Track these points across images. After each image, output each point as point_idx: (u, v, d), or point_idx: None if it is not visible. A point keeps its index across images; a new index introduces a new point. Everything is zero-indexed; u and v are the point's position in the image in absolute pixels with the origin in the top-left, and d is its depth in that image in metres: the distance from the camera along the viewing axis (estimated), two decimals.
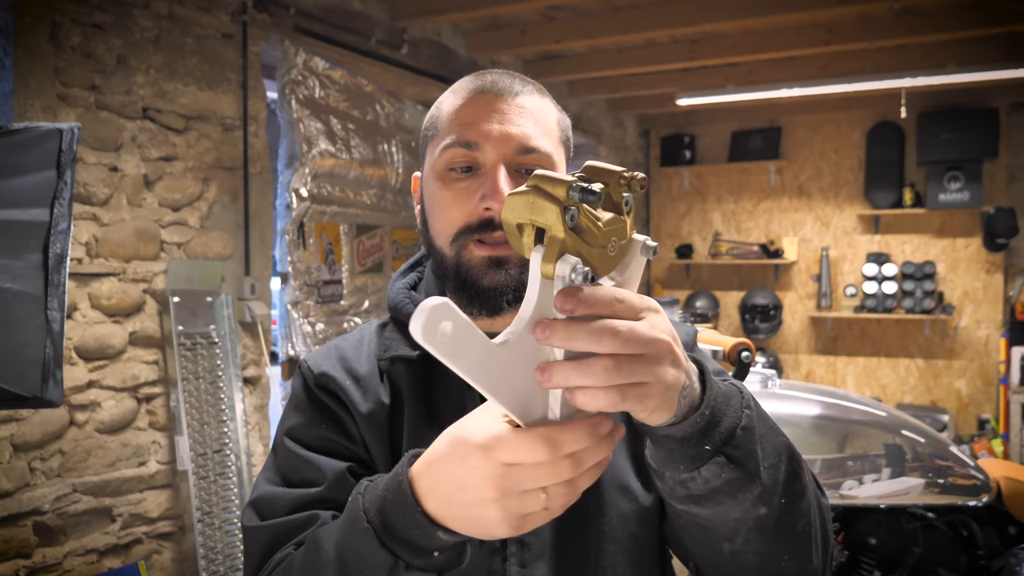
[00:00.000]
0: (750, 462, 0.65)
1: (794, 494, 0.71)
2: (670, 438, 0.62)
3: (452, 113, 0.85)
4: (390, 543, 0.64)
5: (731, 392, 0.66)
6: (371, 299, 3.83)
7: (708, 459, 0.63)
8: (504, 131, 0.82)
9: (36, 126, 1.44)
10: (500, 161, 0.81)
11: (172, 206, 2.80)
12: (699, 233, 6.76)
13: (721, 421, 0.63)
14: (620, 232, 0.54)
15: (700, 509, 0.67)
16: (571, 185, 0.51)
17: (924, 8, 3.93)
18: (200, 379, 2.81)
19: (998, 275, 5.80)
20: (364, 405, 0.87)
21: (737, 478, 0.64)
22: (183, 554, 2.80)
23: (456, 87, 0.89)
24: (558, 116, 0.89)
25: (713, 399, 0.63)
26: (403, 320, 0.92)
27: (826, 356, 6.36)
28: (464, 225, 0.82)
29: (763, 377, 2.43)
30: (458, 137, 0.83)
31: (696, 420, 0.61)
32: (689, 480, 0.64)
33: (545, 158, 0.83)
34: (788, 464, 0.70)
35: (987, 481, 2.24)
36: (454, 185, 0.83)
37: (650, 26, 4.03)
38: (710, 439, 0.63)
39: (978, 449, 4.97)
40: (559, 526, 0.84)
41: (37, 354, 1.35)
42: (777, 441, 0.70)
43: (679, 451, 0.63)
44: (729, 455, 0.64)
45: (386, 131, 3.89)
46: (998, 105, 5.64)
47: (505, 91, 0.85)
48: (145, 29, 2.69)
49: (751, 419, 0.66)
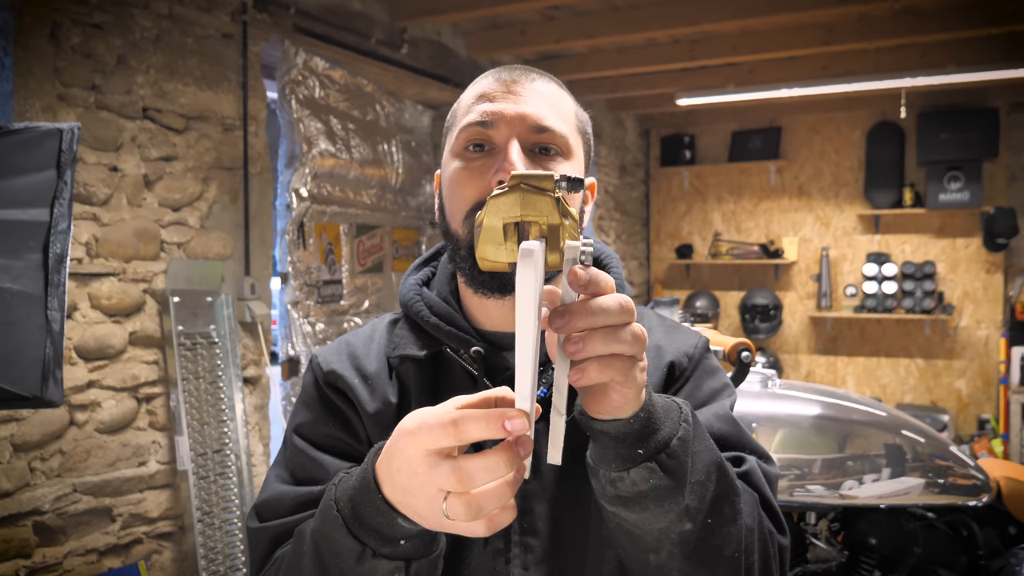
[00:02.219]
0: (679, 472, 0.66)
1: (722, 517, 0.71)
2: (607, 435, 0.65)
3: (471, 98, 0.87)
4: (357, 531, 0.66)
5: (670, 405, 0.69)
6: (371, 299, 3.83)
7: (639, 462, 0.65)
8: (518, 110, 0.83)
9: (36, 126, 1.44)
10: (513, 137, 0.82)
11: (172, 206, 2.80)
12: (699, 233, 6.76)
13: (659, 429, 0.66)
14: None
15: (627, 513, 0.68)
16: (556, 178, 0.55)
17: (924, 8, 3.93)
18: (200, 379, 2.81)
19: (998, 275, 5.80)
20: (371, 404, 0.88)
21: (664, 486, 0.66)
22: (183, 554, 2.80)
23: (477, 79, 0.90)
24: (576, 108, 0.90)
25: (652, 405, 0.66)
26: (413, 317, 0.92)
27: (826, 356, 6.36)
28: (477, 201, 0.83)
29: (763, 377, 2.43)
30: (474, 117, 0.84)
31: (631, 421, 0.64)
32: (618, 479, 0.66)
33: (559, 138, 0.84)
34: (718, 485, 0.70)
35: (987, 481, 2.24)
36: (469, 164, 0.84)
37: (650, 26, 4.03)
38: (644, 444, 0.65)
39: (978, 449, 4.97)
40: (562, 529, 0.85)
41: (37, 354, 1.35)
42: (709, 459, 0.70)
43: (613, 449, 0.65)
44: (660, 462, 0.65)
45: (386, 131, 3.89)
46: (998, 105, 5.64)
47: (522, 76, 0.86)
48: (145, 29, 2.69)
49: (687, 432, 0.68)
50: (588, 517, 0.84)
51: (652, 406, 0.66)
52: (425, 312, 0.90)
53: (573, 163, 0.86)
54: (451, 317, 0.89)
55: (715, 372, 0.94)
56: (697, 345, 0.94)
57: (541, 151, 0.83)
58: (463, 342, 0.87)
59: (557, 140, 0.83)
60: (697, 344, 0.94)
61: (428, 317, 0.89)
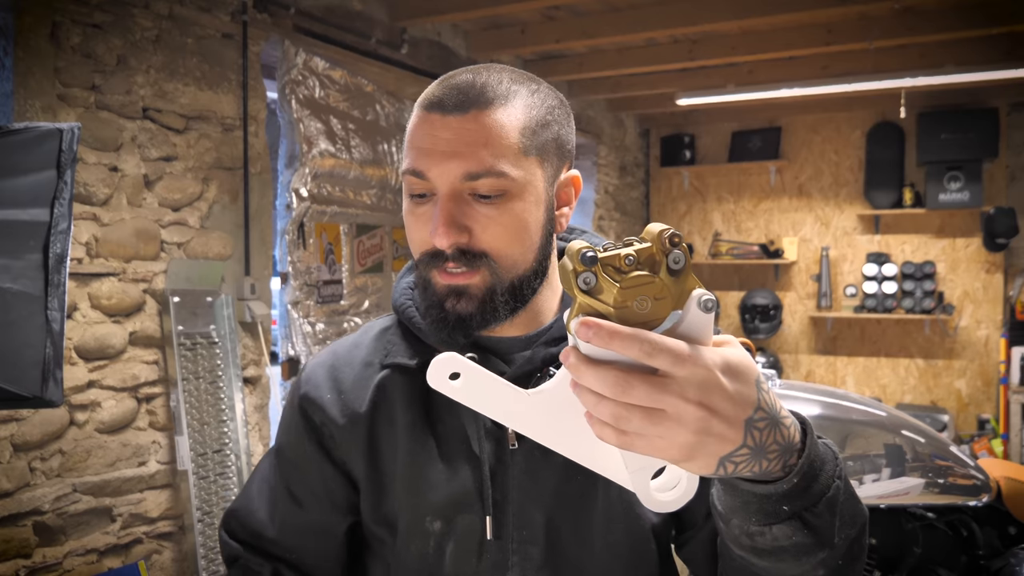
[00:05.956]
0: (826, 531, 0.63)
1: (853, 556, 0.69)
2: (750, 492, 0.60)
3: (410, 133, 0.81)
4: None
5: (827, 457, 0.64)
6: (371, 299, 3.83)
7: (783, 519, 0.61)
8: (447, 161, 0.76)
9: (36, 126, 1.44)
10: (447, 190, 0.77)
11: (172, 206, 2.80)
12: (699, 233, 6.76)
13: (810, 487, 0.61)
14: (649, 289, 0.56)
15: (759, 561, 0.66)
16: (582, 254, 0.55)
17: (924, 8, 3.93)
18: (200, 379, 2.81)
19: (998, 275, 5.80)
20: (342, 417, 0.89)
21: (808, 543, 0.62)
22: (183, 554, 2.80)
23: (421, 96, 0.83)
24: (525, 121, 0.79)
25: (808, 465, 0.60)
26: (404, 322, 0.91)
27: (826, 356, 6.35)
28: (423, 252, 0.82)
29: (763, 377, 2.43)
30: (411, 164, 0.79)
31: (783, 484, 0.59)
32: (757, 534, 0.62)
33: (498, 180, 0.76)
34: (859, 530, 0.68)
35: (987, 481, 2.24)
36: (415, 210, 0.81)
37: (650, 26, 4.03)
38: (792, 502, 0.60)
39: (978, 449, 4.97)
40: (563, 539, 0.84)
41: (37, 354, 1.35)
42: (855, 510, 0.67)
43: (755, 505, 0.61)
44: (806, 520, 0.61)
45: (386, 131, 3.89)
46: (998, 105, 5.64)
47: (453, 108, 0.77)
48: (145, 29, 2.69)
49: (839, 490, 0.63)
50: (592, 527, 0.84)
51: (809, 465, 0.60)
52: (416, 317, 0.89)
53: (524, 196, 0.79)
54: None
55: None
56: None
57: (481, 197, 0.77)
58: (452, 347, 0.85)
59: (496, 184, 0.76)
60: None
61: (419, 322, 0.89)
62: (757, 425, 0.56)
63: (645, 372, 0.54)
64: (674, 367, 0.53)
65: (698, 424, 0.53)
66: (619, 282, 0.55)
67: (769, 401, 0.58)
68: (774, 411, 0.58)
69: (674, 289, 0.56)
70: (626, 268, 0.55)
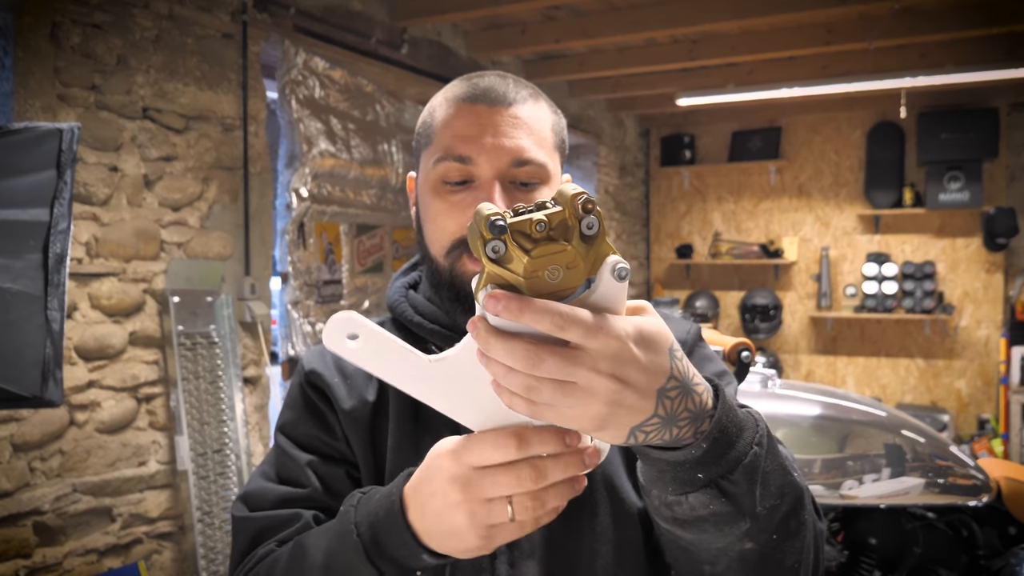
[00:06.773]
0: (744, 500, 0.61)
1: (788, 532, 0.67)
2: (662, 460, 0.60)
3: (445, 124, 0.84)
4: (376, 559, 0.66)
5: (746, 423, 0.63)
6: (371, 299, 3.83)
7: (699, 487, 0.60)
8: (498, 144, 0.81)
9: (36, 126, 1.44)
10: (495, 175, 0.81)
11: (172, 206, 2.80)
12: (699, 233, 6.76)
13: (725, 454, 0.60)
14: (560, 258, 0.53)
15: (683, 532, 0.65)
16: (490, 221, 0.53)
17: (924, 8, 3.93)
18: (200, 379, 2.81)
19: (998, 275, 5.80)
20: (347, 402, 0.89)
21: (726, 512, 0.61)
22: (183, 554, 2.80)
23: (449, 93, 0.87)
24: (552, 121, 0.87)
25: (720, 430, 0.59)
26: (399, 318, 0.93)
27: (826, 356, 6.36)
28: (459, 238, 0.82)
29: (763, 377, 2.43)
30: (452, 151, 0.82)
31: (691, 450, 0.59)
32: (675, 503, 0.62)
33: (540, 169, 0.82)
34: (790, 504, 0.66)
35: (987, 481, 2.24)
36: (449, 197, 0.83)
37: (650, 26, 4.03)
38: (706, 469, 0.60)
39: (978, 449, 4.97)
40: (550, 525, 0.84)
41: (37, 354, 1.35)
42: (783, 480, 0.65)
43: (670, 473, 0.61)
44: (723, 488, 0.60)
45: (386, 131, 3.89)
46: (998, 105, 5.64)
47: (499, 101, 0.83)
48: (145, 29, 2.69)
49: (757, 456, 0.62)
50: (579, 512, 0.84)
51: (721, 430, 0.59)
52: (410, 312, 0.91)
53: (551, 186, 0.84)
54: (436, 316, 0.90)
55: (711, 359, 0.93)
56: (690, 332, 0.94)
57: (523, 184, 0.82)
58: (448, 340, 0.87)
59: (538, 172, 0.82)
60: (689, 331, 0.94)
61: (412, 316, 0.90)
62: (669, 394, 0.56)
63: (556, 344, 0.53)
64: (586, 339, 0.52)
65: (610, 396, 0.53)
66: (529, 251, 0.53)
67: (682, 368, 0.57)
68: (686, 379, 0.57)
69: (587, 256, 0.54)
70: (537, 235, 0.53)
